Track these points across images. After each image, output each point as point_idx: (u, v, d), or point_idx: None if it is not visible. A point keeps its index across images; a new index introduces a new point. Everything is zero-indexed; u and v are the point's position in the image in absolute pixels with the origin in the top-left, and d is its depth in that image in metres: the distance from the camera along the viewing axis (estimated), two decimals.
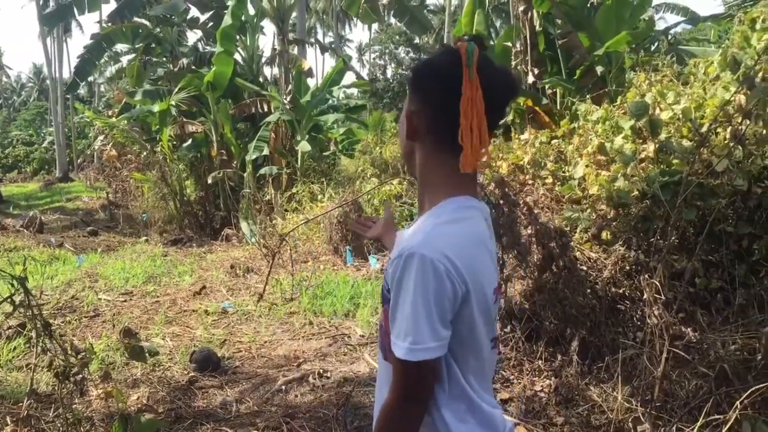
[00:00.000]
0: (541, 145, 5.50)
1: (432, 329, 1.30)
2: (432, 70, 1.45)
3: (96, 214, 16.80)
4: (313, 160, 12.67)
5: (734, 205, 3.79)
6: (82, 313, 6.34)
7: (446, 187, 1.45)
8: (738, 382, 3.18)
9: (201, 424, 3.86)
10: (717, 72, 4.39)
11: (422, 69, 1.47)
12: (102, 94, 42.85)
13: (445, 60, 1.42)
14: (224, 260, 9.35)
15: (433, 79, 1.43)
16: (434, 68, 1.44)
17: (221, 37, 12.70)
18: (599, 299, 4.05)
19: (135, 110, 14.58)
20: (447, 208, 1.43)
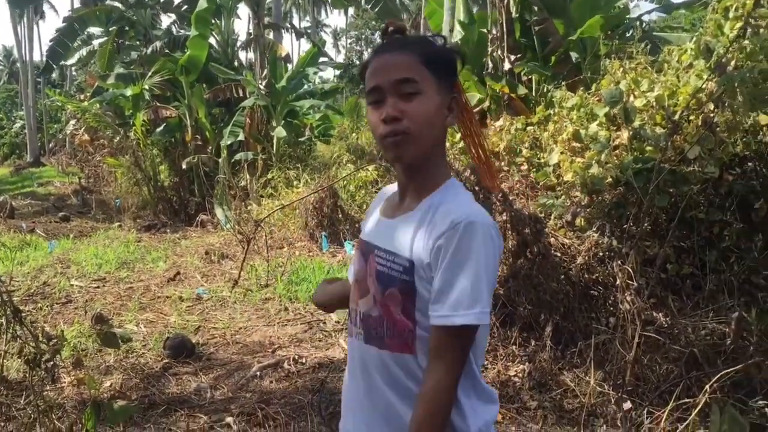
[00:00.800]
0: (516, 132, 5.51)
1: (489, 296, 1.34)
2: (456, 56, 1.48)
3: (68, 199, 16.56)
4: (288, 145, 12.58)
5: (705, 192, 3.84)
6: (53, 300, 6.26)
7: (445, 170, 1.49)
8: (708, 367, 3.24)
9: (175, 411, 3.84)
10: (690, 60, 4.42)
11: (452, 53, 1.48)
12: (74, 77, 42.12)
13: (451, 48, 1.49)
14: (199, 246, 9.28)
15: (456, 64, 1.48)
16: (455, 54, 1.49)
17: (196, 20, 12.53)
18: (573, 285, 4.09)
19: (107, 94, 14.35)
20: (456, 186, 1.46)
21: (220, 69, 13.09)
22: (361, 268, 1.52)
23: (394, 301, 1.40)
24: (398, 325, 1.39)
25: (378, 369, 1.44)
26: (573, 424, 3.42)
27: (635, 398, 3.39)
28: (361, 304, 1.48)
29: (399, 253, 1.40)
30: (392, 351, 1.41)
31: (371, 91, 1.42)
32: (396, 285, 1.40)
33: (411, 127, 1.37)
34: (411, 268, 1.37)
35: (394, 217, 1.49)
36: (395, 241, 1.43)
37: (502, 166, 5.26)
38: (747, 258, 3.65)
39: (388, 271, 1.41)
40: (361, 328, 1.48)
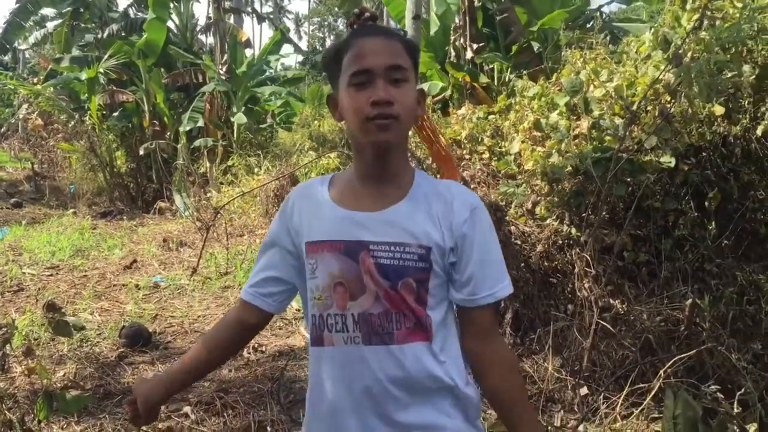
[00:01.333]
0: (478, 121, 5.53)
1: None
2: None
3: (20, 185, 16.10)
4: (249, 132, 12.45)
5: (662, 181, 3.90)
6: (4, 288, 6.09)
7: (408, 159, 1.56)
8: (662, 352, 3.31)
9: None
10: (648, 51, 4.48)
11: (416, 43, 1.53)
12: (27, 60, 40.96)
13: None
14: (156, 234, 9.13)
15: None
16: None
17: (153, 3, 12.27)
18: (532, 272, 4.12)
19: (62, 77, 13.98)
20: (425, 174, 1.55)
21: (179, 53, 12.87)
22: (348, 268, 1.41)
23: (408, 291, 1.40)
24: (414, 313, 1.41)
25: (384, 368, 1.41)
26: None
27: (592, 384, 3.44)
28: (354, 306, 1.41)
29: (411, 242, 1.40)
30: (403, 343, 1.40)
31: (358, 72, 1.38)
32: (410, 274, 1.40)
33: (400, 113, 1.38)
34: (428, 255, 1.41)
35: (382, 210, 1.44)
36: (402, 231, 1.41)
37: (463, 155, 5.27)
38: (700, 246, 3.72)
39: (399, 262, 1.40)
40: (359, 331, 1.41)
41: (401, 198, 1.45)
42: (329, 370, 1.46)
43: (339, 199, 1.49)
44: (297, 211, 1.53)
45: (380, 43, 1.40)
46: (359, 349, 1.41)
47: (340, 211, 1.47)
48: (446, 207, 1.44)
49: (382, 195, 1.46)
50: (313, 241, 1.46)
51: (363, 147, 1.45)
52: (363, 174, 1.49)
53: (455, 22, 8.64)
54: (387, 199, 1.45)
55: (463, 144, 5.38)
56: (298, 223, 1.51)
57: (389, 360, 1.40)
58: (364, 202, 1.46)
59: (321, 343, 1.46)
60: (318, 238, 1.46)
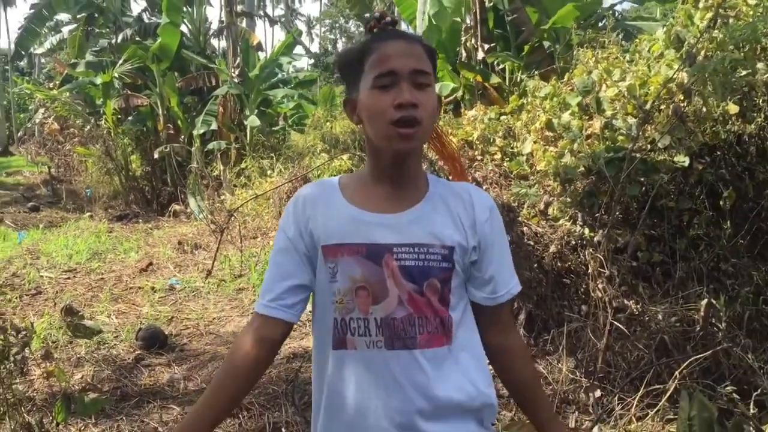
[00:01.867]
0: (490, 122, 5.52)
1: None
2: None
3: (37, 189, 16.28)
4: (262, 135, 12.48)
5: (675, 180, 3.88)
6: (22, 291, 6.16)
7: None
8: (677, 353, 3.29)
9: (147, 402, 3.81)
10: (661, 50, 4.46)
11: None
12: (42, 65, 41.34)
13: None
14: (171, 236, 9.19)
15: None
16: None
17: (167, 7, 12.35)
18: (545, 273, 4.12)
19: (77, 82, 14.10)
20: (434, 176, 1.56)
21: (192, 57, 12.94)
22: (370, 271, 1.40)
23: (433, 292, 1.41)
24: (438, 314, 1.42)
25: (407, 373, 1.40)
26: None
27: (606, 385, 3.43)
28: (377, 310, 1.40)
29: (434, 243, 1.41)
30: (426, 347, 1.40)
31: (383, 74, 1.37)
32: (434, 275, 1.41)
33: (423, 117, 1.37)
34: (450, 254, 1.42)
35: (402, 211, 1.44)
36: (425, 232, 1.42)
37: (475, 156, 5.27)
38: (716, 246, 3.70)
39: (424, 263, 1.40)
40: (381, 335, 1.40)
41: (419, 200, 1.46)
42: (353, 374, 1.43)
43: (354, 200, 1.47)
44: (311, 214, 1.48)
45: (405, 47, 1.40)
46: (382, 353, 1.40)
47: (358, 213, 1.44)
48: (466, 207, 1.47)
49: (399, 197, 1.45)
50: (330, 244, 1.43)
51: (381, 151, 1.44)
52: (378, 176, 1.48)
53: (466, 23, 8.63)
54: (405, 201, 1.45)
55: (475, 145, 5.38)
56: (313, 226, 1.47)
57: (411, 365, 1.40)
58: (382, 204, 1.45)
59: (344, 346, 1.43)
60: (336, 241, 1.43)
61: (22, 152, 27.09)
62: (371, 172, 1.50)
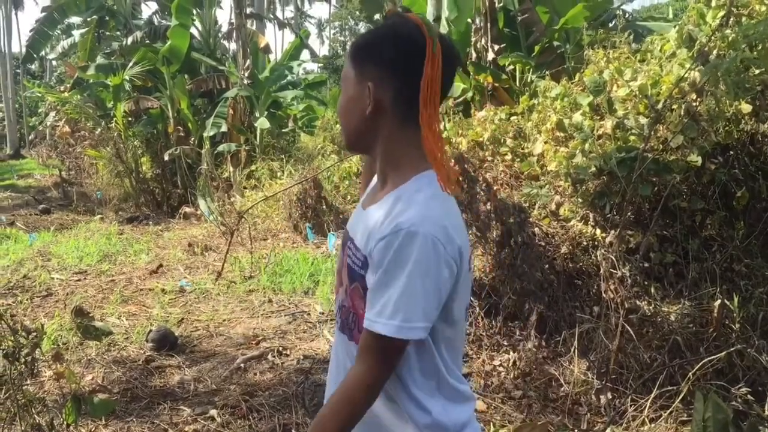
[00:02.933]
0: (500, 122, 5.50)
1: (424, 311, 1.27)
2: (396, 39, 1.35)
3: (49, 191, 16.36)
4: (272, 137, 12.51)
5: (688, 180, 3.85)
6: (33, 293, 6.18)
7: (414, 161, 1.39)
8: (690, 354, 3.26)
9: (158, 404, 3.81)
10: (673, 49, 4.43)
11: (384, 37, 1.38)
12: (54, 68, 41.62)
13: (406, 30, 1.35)
14: (182, 238, 9.21)
15: (397, 48, 1.35)
16: (398, 37, 1.35)
17: (177, 9, 12.40)
18: (557, 274, 4.09)
19: (88, 85, 14.18)
20: (422, 182, 1.37)
21: (202, 59, 12.98)
22: (339, 259, 1.51)
23: (357, 296, 1.39)
24: (357, 317, 1.40)
25: (342, 357, 1.50)
26: (558, 412, 3.43)
27: (619, 386, 3.40)
28: (338, 296, 1.51)
29: (360, 248, 1.38)
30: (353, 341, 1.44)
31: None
32: (357, 279, 1.38)
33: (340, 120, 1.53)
34: (366, 264, 1.35)
35: (366, 208, 1.46)
36: (360, 234, 1.40)
37: (486, 157, 5.25)
38: (729, 246, 3.67)
39: (353, 263, 1.41)
40: (338, 317, 1.50)
41: (380, 199, 1.41)
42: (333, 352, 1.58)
43: (368, 192, 1.59)
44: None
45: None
46: (337, 333, 1.52)
47: (359, 205, 1.57)
48: (384, 219, 1.33)
49: (378, 195, 1.45)
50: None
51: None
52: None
53: (476, 24, 8.60)
54: (377, 198, 1.44)
55: (485, 146, 5.36)
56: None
57: (348, 353, 1.46)
58: (368, 198, 1.53)
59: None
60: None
61: (34, 155, 27.30)
62: None
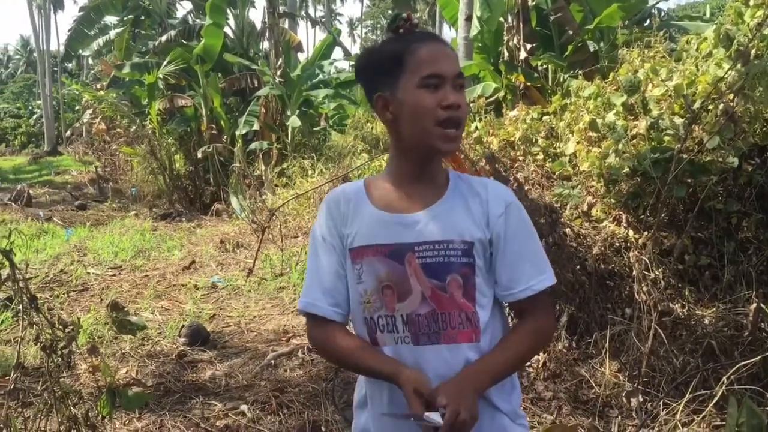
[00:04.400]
0: (532, 122, 5.47)
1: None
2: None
3: (85, 188, 16.68)
4: (303, 135, 12.58)
5: (724, 182, 3.79)
6: (70, 287, 6.31)
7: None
8: (725, 358, 3.21)
9: (190, 398, 3.86)
10: (710, 48, 4.36)
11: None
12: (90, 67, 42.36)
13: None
14: (214, 235, 9.32)
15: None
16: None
17: (211, 9, 12.53)
18: (588, 275, 4.06)
19: (123, 83, 14.39)
20: (453, 172, 1.59)
21: (235, 58, 13.10)
22: (394, 270, 1.46)
23: (456, 287, 1.45)
24: (462, 308, 1.45)
25: (434, 368, 1.44)
26: (588, 414, 3.41)
27: (651, 389, 3.36)
28: (403, 307, 1.46)
29: (454, 239, 1.45)
30: (450, 342, 1.45)
31: (432, 76, 1.42)
32: (456, 270, 1.45)
33: (463, 118, 1.45)
34: (470, 250, 1.46)
35: (423, 210, 1.48)
36: (444, 229, 1.46)
37: (517, 156, 5.23)
38: (765, 249, 3.60)
39: (444, 259, 1.44)
40: (408, 331, 1.46)
41: (440, 197, 1.50)
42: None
43: (378, 202, 1.53)
44: (340, 218, 1.54)
45: (446, 50, 1.47)
46: (410, 348, 1.46)
47: (381, 215, 1.50)
48: (482, 202, 1.49)
49: (421, 196, 1.50)
50: (357, 246, 1.50)
51: (414, 150, 1.49)
52: (403, 175, 1.53)
53: (508, 23, 8.56)
54: (426, 199, 1.50)
55: (517, 145, 5.33)
56: (343, 230, 1.53)
57: (437, 360, 1.44)
58: (404, 204, 1.50)
59: (376, 343, 1.50)
60: (362, 243, 1.49)
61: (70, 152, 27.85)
62: (395, 170, 1.55)
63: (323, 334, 1.54)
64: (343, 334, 1.54)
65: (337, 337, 1.53)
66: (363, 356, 1.49)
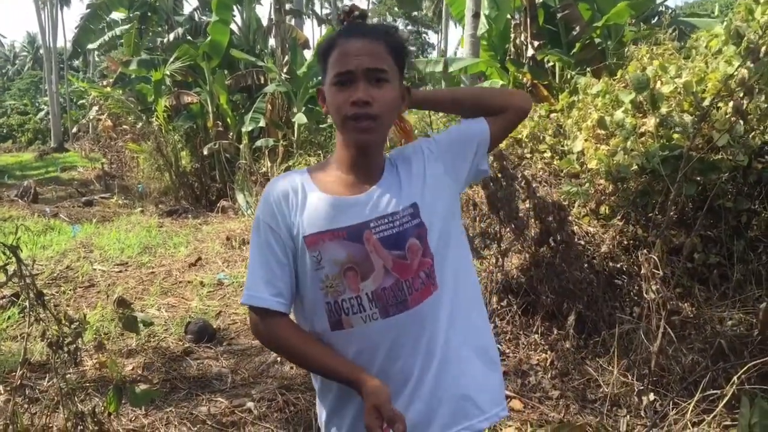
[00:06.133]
0: (539, 119, 5.45)
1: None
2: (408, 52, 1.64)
3: (91, 184, 16.69)
4: (309, 132, 12.56)
5: (734, 180, 3.77)
6: (76, 284, 6.32)
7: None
8: (734, 358, 3.19)
9: (196, 395, 3.86)
10: (719, 45, 4.33)
11: (407, 48, 1.61)
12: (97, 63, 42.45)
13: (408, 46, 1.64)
14: (220, 232, 9.31)
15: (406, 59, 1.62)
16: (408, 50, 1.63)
17: (217, 6, 12.51)
18: (596, 274, 4.04)
19: (130, 80, 14.40)
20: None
21: (242, 55, 13.09)
22: (355, 251, 1.49)
23: (415, 250, 1.51)
24: (422, 267, 1.51)
25: (409, 332, 1.51)
26: (596, 414, 3.39)
27: (660, 389, 3.34)
28: (367, 285, 1.49)
29: (400, 208, 1.52)
30: (417, 304, 1.50)
31: (340, 73, 1.48)
32: (412, 234, 1.51)
33: (379, 112, 1.48)
34: (417, 211, 1.53)
35: (369, 191, 1.54)
36: (390, 203, 1.52)
37: (524, 154, 5.21)
38: None
39: (399, 229, 1.50)
40: (375, 307, 1.49)
41: (381, 174, 1.59)
42: (356, 351, 1.52)
43: (327, 188, 1.56)
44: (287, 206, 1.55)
45: (363, 46, 1.49)
46: (379, 324, 1.49)
47: (333, 199, 1.53)
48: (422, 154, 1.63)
49: (366, 177, 1.57)
50: (311, 234, 1.51)
51: (346, 141, 1.56)
52: (347, 163, 1.59)
53: (515, 20, 8.52)
54: (371, 179, 1.57)
55: (524, 143, 5.31)
56: (292, 219, 1.54)
57: (411, 324, 1.50)
58: (351, 187, 1.56)
59: (341, 326, 1.51)
60: (317, 229, 1.51)
61: (77, 148, 27.91)
62: (340, 159, 1.60)
63: (268, 326, 1.55)
64: (289, 326, 1.56)
65: (285, 329, 1.55)
66: (320, 354, 1.51)
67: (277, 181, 1.61)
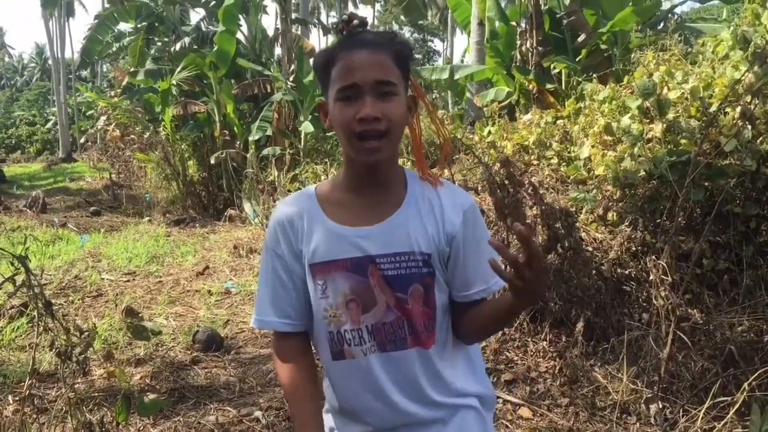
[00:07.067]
0: (546, 126, 5.44)
1: None
2: (412, 59, 1.56)
3: (99, 194, 16.75)
4: (316, 140, 12.59)
5: (742, 185, 3.75)
6: (84, 293, 6.33)
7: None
8: (745, 364, 3.17)
9: (204, 404, 3.86)
10: (726, 51, 4.32)
11: (412, 55, 1.54)
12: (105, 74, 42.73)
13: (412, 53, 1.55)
14: (227, 241, 9.33)
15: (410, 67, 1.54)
16: (412, 57, 1.56)
17: (223, 15, 12.59)
18: (605, 280, 4.02)
19: (137, 90, 14.47)
20: (415, 174, 1.56)
21: (248, 64, 13.14)
22: (358, 284, 1.46)
23: (417, 297, 1.47)
24: (421, 317, 1.47)
25: (401, 370, 1.49)
26: (605, 421, 3.37)
27: (669, 396, 3.32)
28: (367, 318, 1.47)
29: (413, 250, 1.45)
30: (414, 347, 1.48)
31: (346, 88, 1.38)
32: (417, 281, 1.46)
33: (389, 128, 1.39)
34: (429, 260, 1.46)
35: (381, 222, 1.47)
36: (403, 241, 1.46)
37: (531, 160, 5.20)
38: None
39: (406, 271, 1.45)
40: (374, 340, 1.47)
41: (397, 206, 1.48)
42: (355, 381, 1.50)
43: (334, 214, 1.50)
44: (294, 233, 1.51)
45: (368, 57, 1.39)
46: (377, 356, 1.48)
47: (340, 229, 1.48)
48: (435, 211, 1.48)
49: (378, 205, 1.49)
50: (318, 262, 1.48)
51: (354, 160, 1.46)
52: (354, 184, 1.50)
53: (521, 27, 8.54)
54: (383, 209, 1.48)
55: (531, 149, 5.31)
56: (299, 246, 1.51)
57: (404, 365, 1.48)
58: (361, 215, 1.48)
59: (342, 356, 1.50)
60: (323, 259, 1.47)
61: (85, 158, 28.06)
62: (348, 179, 1.52)
63: (278, 348, 1.56)
64: (292, 362, 1.53)
65: (286, 362, 1.54)
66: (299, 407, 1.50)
67: (284, 206, 1.57)
